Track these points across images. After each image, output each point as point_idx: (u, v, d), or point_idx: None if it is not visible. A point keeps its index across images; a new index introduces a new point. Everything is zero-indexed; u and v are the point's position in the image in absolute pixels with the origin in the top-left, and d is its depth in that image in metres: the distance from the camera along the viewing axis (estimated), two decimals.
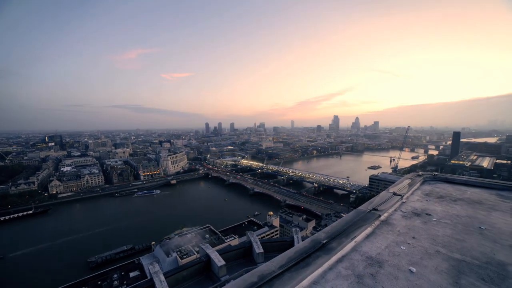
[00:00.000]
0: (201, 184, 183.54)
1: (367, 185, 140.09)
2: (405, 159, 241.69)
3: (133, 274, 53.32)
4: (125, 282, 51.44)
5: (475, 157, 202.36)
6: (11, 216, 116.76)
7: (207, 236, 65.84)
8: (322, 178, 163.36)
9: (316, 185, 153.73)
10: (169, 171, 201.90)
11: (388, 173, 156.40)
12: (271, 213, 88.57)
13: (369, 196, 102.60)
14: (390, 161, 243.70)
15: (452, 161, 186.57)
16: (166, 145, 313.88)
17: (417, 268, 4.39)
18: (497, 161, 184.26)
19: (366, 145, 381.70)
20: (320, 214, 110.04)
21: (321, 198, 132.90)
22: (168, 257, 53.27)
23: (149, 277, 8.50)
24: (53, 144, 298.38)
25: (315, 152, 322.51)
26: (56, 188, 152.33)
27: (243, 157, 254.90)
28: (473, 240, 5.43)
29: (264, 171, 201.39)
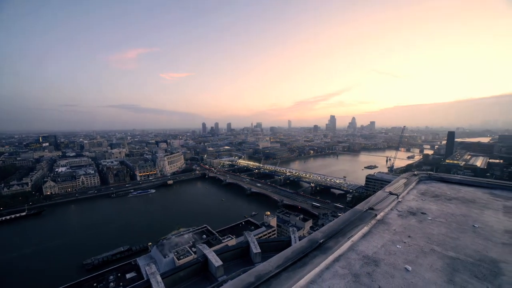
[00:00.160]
0: (198, 184, 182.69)
1: (364, 185, 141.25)
2: (401, 159, 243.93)
3: (130, 275, 52.90)
4: (122, 284, 50.99)
5: (469, 157, 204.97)
6: (3, 218, 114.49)
7: (204, 237, 65.74)
8: (319, 178, 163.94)
9: (313, 185, 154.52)
10: (166, 172, 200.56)
11: (384, 173, 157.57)
12: (268, 213, 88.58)
13: (366, 196, 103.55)
14: (386, 161, 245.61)
15: (447, 161, 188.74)
16: (163, 145, 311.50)
17: (413, 267, 4.45)
18: (490, 161, 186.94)
19: (363, 145, 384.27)
20: (317, 214, 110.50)
21: (318, 198, 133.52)
22: (165, 258, 53.11)
23: (146, 278, 8.47)
24: (47, 145, 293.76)
25: (312, 152, 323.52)
26: (51, 189, 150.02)
27: (240, 157, 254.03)
28: (467, 238, 5.53)
29: (261, 171, 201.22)
